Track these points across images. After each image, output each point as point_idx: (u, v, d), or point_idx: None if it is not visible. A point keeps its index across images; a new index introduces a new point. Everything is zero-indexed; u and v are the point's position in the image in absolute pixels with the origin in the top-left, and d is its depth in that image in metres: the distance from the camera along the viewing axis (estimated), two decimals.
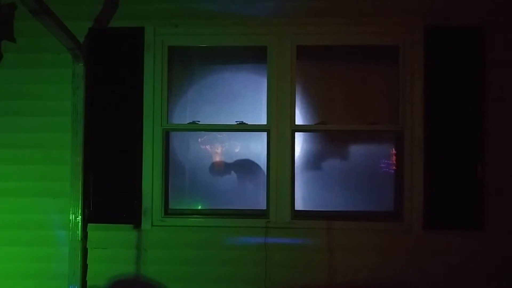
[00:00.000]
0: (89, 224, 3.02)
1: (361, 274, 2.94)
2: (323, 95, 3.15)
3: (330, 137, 3.18)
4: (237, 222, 3.01)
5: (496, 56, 2.91)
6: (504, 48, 2.93)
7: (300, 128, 3.07)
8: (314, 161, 3.18)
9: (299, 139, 3.12)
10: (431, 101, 2.92)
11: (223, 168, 3.22)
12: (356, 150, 3.17)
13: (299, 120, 3.07)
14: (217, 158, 3.22)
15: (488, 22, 2.93)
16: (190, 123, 3.13)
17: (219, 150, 3.21)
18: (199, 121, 3.11)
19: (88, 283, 3.00)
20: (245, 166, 3.21)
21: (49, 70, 3.08)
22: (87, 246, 3.01)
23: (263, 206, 3.04)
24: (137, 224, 3.00)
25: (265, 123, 3.03)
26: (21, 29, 3.08)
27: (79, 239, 2.98)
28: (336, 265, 2.94)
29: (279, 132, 2.99)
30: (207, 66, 3.22)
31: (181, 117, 3.18)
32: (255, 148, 3.16)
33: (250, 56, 3.16)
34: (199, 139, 3.23)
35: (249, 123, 3.08)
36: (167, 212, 3.07)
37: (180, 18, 3.04)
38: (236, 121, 3.07)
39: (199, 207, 3.18)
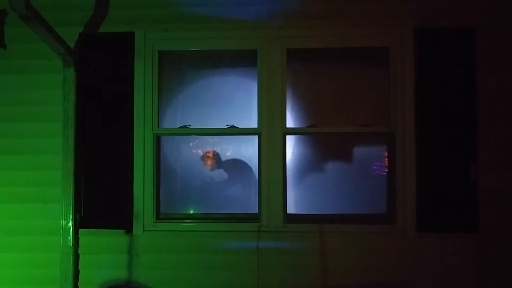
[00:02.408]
0: (80, 230, 3.01)
1: (354, 278, 2.91)
2: (314, 98, 3.14)
3: (322, 140, 3.16)
4: (229, 226, 3.00)
5: (487, 57, 2.90)
6: (495, 49, 2.92)
7: (291, 131, 3.06)
8: (306, 164, 3.16)
9: (290, 142, 3.11)
10: (423, 102, 2.91)
11: (215, 172, 3.21)
12: (348, 153, 3.15)
13: (290, 123, 3.06)
14: (208, 162, 3.21)
15: (479, 23, 2.92)
16: (181, 127, 3.12)
17: (210, 154, 3.20)
18: (190, 125, 3.11)
19: None
20: (236, 170, 3.20)
21: (40, 76, 3.09)
22: (79, 252, 3.00)
23: (255, 210, 3.03)
24: (128, 229, 2.99)
25: (256, 126, 3.02)
26: (12, 35, 3.10)
27: (71, 244, 2.97)
28: (329, 269, 2.92)
29: (270, 135, 2.99)
30: (197, 70, 3.22)
31: (172, 121, 3.18)
32: (246, 151, 3.16)
33: (241, 59, 3.16)
34: (190, 143, 3.22)
35: (240, 126, 3.07)
36: (159, 216, 3.06)
37: (170, 22, 3.05)
38: (227, 125, 3.07)
39: (191, 212, 3.17)
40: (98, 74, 3.05)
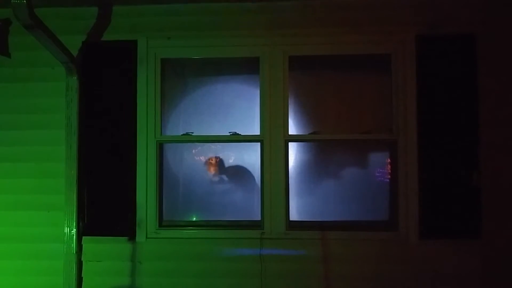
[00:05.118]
0: (83, 237, 3.02)
1: (357, 285, 2.91)
2: (316, 105, 3.15)
3: (324, 147, 3.17)
4: (231, 233, 3.00)
5: (488, 63, 2.90)
6: (496, 54, 2.92)
7: (294, 138, 3.07)
8: (308, 171, 3.17)
9: (293, 149, 3.11)
10: (424, 109, 2.92)
11: (217, 179, 3.22)
12: (350, 160, 3.16)
13: (292, 130, 3.07)
14: (211, 169, 3.22)
15: (480, 29, 2.93)
16: (183, 134, 3.14)
17: (213, 161, 3.21)
18: (192, 133, 3.12)
19: None
20: (239, 177, 3.21)
21: (43, 84, 3.11)
22: (82, 259, 3.01)
23: (257, 217, 3.03)
24: (131, 237, 3.00)
25: (258, 133, 3.03)
26: (15, 44, 3.12)
27: (74, 252, 2.98)
28: (332, 276, 2.92)
29: (272, 142, 2.99)
30: (200, 77, 3.24)
31: (174, 128, 3.19)
32: (249, 158, 3.16)
33: (243, 67, 3.18)
34: (193, 151, 3.23)
35: (243, 133, 3.08)
36: (162, 224, 3.06)
37: (172, 30, 3.06)
38: (230, 132, 3.08)
39: (194, 219, 3.18)
40: (101, 82, 3.06)
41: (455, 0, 2.95)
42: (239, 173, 3.21)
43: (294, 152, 3.13)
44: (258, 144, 3.04)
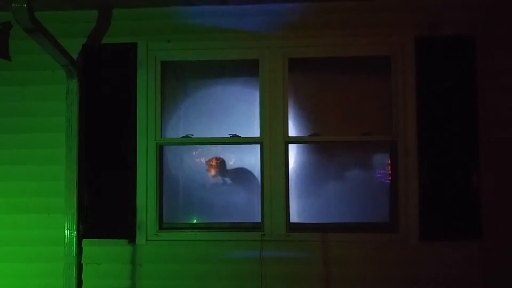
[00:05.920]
0: (83, 240, 3.01)
1: (357, 287, 2.90)
2: (316, 107, 3.16)
3: (324, 149, 3.17)
4: (232, 235, 3.00)
5: (488, 65, 2.90)
6: (496, 56, 2.93)
7: (293, 140, 3.07)
8: (308, 173, 3.17)
9: (293, 151, 3.11)
10: (424, 110, 2.92)
11: (217, 181, 3.22)
12: (350, 161, 3.16)
13: (292, 132, 3.07)
14: (211, 171, 3.22)
15: (479, 31, 2.93)
16: (183, 137, 3.14)
17: (213, 163, 3.21)
18: (192, 135, 3.12)
19: None
20: (239, 179, 3.21)
21: (43, 87, 3.12)
22: (82, 262, 3.01)
23: (258, 219, 3.03)
24: (131, 239, 2.99)
25: (258, 135, 3.03)
26: (16, 47, 3.13)
27: (74, 254, 2.98)
28: (332, 278, 2.91)
29: (272, 144, 2.99)
30: (199, 80, 3.25)
31: (174, 131, 3.20)
32: (249, 160, 3.16)
33: (243, 69, 3.19)
34: (193, 153, 3.24)
35: (242, 135, 3.08)
36: (162, 226, 3.06)
37: (172, 33, 3.07)
38: (230, 134, 3.08)
39: (194, 221, 3.18)
40: (101, 85, 3.07)
41: (455, 1, 2.96)
42: (239, 175, 3.21)
43: (294, 154, 3.13)
44: (258, 146, 3.04)
